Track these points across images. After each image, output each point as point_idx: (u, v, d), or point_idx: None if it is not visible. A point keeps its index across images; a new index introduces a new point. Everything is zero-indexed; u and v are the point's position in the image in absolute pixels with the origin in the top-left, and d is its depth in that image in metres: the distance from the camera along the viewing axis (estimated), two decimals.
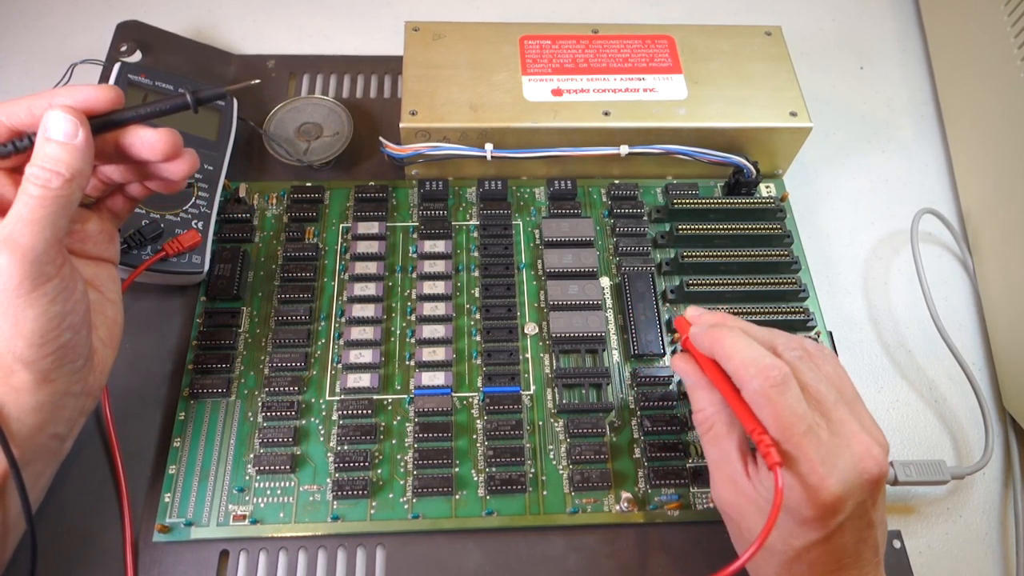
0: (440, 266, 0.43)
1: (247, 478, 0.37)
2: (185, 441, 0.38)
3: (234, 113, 0.46)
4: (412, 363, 0.41)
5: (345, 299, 0.42)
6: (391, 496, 0.37)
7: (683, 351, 0.35)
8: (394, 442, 0.39)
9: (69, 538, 0.35)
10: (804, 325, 0.43)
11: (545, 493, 0.38)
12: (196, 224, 0.42)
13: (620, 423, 0.40)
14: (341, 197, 0.46)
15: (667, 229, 0.45)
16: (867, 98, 0.57)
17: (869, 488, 0.29)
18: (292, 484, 0.37)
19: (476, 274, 0.44)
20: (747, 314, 0.42)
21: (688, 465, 0.39)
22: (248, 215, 0.45)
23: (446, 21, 0.48)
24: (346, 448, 0.38)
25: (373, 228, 0.44)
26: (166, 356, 0.40)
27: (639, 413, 0.40)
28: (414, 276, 0.43)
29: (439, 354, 0.41)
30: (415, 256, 0.44)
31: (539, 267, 0.45)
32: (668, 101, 0.46)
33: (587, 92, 0.46)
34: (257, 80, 0.36)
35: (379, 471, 0.38)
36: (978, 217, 0.50)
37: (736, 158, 0.45)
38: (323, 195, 0.46)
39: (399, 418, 0.40)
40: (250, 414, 0.39)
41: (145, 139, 0.32)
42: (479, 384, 0.41)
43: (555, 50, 0.47)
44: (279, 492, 0.37)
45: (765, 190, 0.48)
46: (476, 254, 0.45)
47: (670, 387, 0.41)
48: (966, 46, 0.53)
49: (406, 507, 0.37)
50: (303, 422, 0.39)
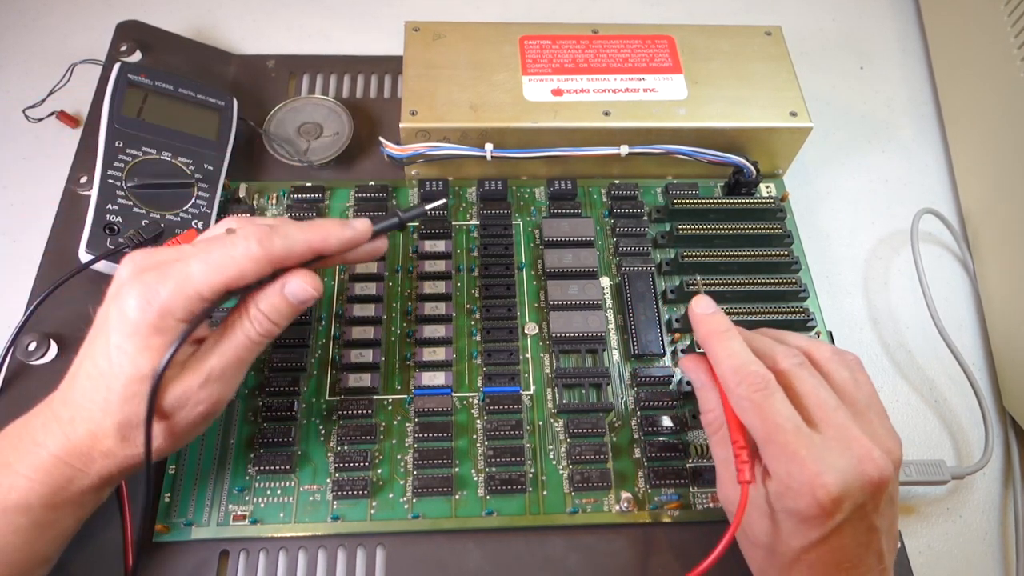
0: (440, 266, 0.43)
1: (247, 478, 0.37)
2: None
3: (234, 113, 0.46)
4: (412, 363, 0.41)
5: (345, 299, 0.42)
6: (391, 496, 0.37)
7: (699, 352, 0.35)
8: (394, 442, 0.39)
9: None
10: (804, 325, 0.43)
11: (545, 493, 0.38)
12: (196, 224, 0.42)
13: (620, 423, 0.40)
14: (341, 197, 0.46)
15: (667, 229, 0.45)
16: (867, 98, 0.57)
17: (869, 491, 0.29)
18: (292, 484, 0.37)
19: (476, 274, 0.44)
20: (747, 314, 0.42)
21: (688, 465, 0.39)
22: (248, 215, 0.45)
23: (446, 21, 0.48)
24: (346, 448, 0.38)
25: None
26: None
27: (639, 413, 0.40)
28: (414, 276, 0.43)
29: (439, 354, 0.41)
30: (415, 256, 0.44)
31: (539, 267, 0.45)
32: (668, 101, 0.46)
33: (587, 92, 0.46)
34: (445, 200, 0.39)
35: (379, 471, 0.38)
36: (978, 217, 0.50)
37: (736, 158, 0.45)
38: (323, 195, 0.46)
39: (399, 418, 0.40)
40: (250, 414, 0.39)
41: (367, 251, 0.35)
42: (479, 384, 0.41)
43: (555, 50, 0.47)
44: (279, 492, 0.37)
45: (765, 190, 0.48)
46: (476, 254, 0.45)
47: (670, 387, 0.41)
48: (966, 46, 0.53)
49: (406, 507, 0.37)
50: (303, 422, 0.39)
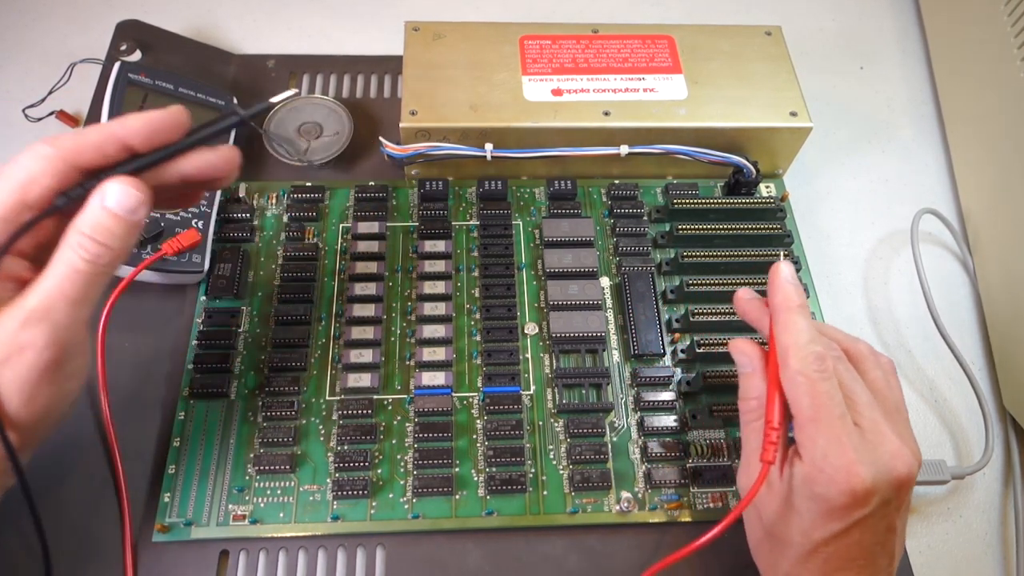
0: (440, 266, 0.43)
1: (247, 478, 0.37)
2: (185, 441, 0.38)
3: None
4: (412, 363, 0.41)
5: (345, 299, 0.42)
6: (391, 496, 0.37)
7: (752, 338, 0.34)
8: (394, 442, 0.39)
9: (69, 538, 0.35)
10: None
11: (545, 493, 0.38)
12: (196, 223, 0.42)
13: (620, 423, 0.40)
14: (341, 197, 0.46)
15: (667, 229, 0.45)
16: (867, 98, 0.57)
17: (895, 488, 0.29)
18: (292, 484, 0.37)
19: (476, 274, 0.44)
20: None
21: (688, 465, 0.39)
22: (248, 215, 0.45)
23: (446, 21, 0.48)
24: (346, 448, 0.38)
25: (373, 228, 0.44)
26: (166, 356, 0.40)
27: (639, 413, 0.40)
28: (414, 276, 0.43)
29: (439, 354, 0.41)
30: (415, 256, 0.44)
31: (539, 267, 0.45)
32: (668, 101, 0.46)
33: (587, 92, 0.46)
34: (296, 90, 0.35)
35: (379, 471, 0.38)
36: (978, 217, 0.50)
37: (736, 158, 0.45)
38: (323, 195, 0.46)
39: (399, 418, 0.40)
40: (250, 414, 0.39)
41: (215, 162, 0.31)
42: (479, 384, 0.41)
43: (555, 50, 0.47)
44: (279, 492, 0.37)
45: (765, 190, 0.48)
46: (476, 254, 0.45)
47: (670, 387, 0.41)
48: (966, 46, 0.53)
49: (406, 507, 0.37)
50: (303, 422, 0.39)
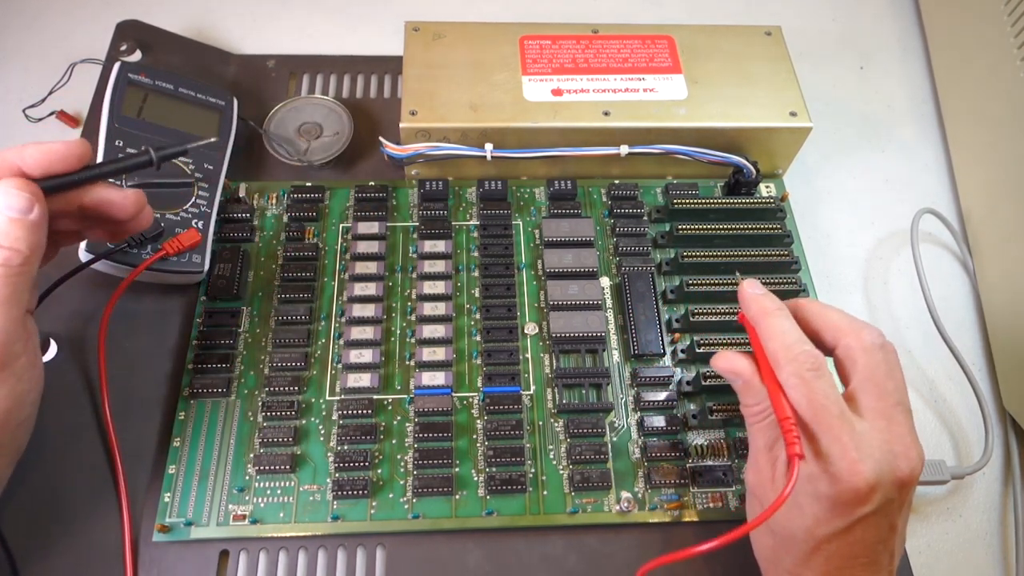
0: (440, 266, 0.43)
1: (247, 478, 0.37)
2: (185, 441, 0.38)
3: (234, 113, 0.46)
4: (412, 363, 0.41)
5: (345, 299, 0.42)
6: (391, 496, 0.37)
7: (727, 346, 0.35)
8: (394, 442, 0.39)
9: (69, 538, 0.35)
10: None
11: (545, 493, 0.38)
12: (196, 223, 0.42)
13: (620, 423, 0.40)
14: (341, 197, 0.46)
15: (667, 229, 0.45)
16: (867, 98, 0.57)
17: (898, 486, 0.29)
18: (292, 484, 0.37)
19: (476, 274, 0.44)
20: None
21: (688, 465, 0.39)
22: (248, 215, 0.45)
23: (446, 21, 0.48)
24: (346, 448, 0.38)
25: (373, 228, 0.44)
26: (166, 356, 0.40)
27: (639, 413, 0.40)
28: (414, 276, 0.43)
29: (439, 354, 0.41)
30: (415, 256, 0.44)
31: (539, 267, 0.45)
32: (668, 101, 0.46)
33: (587, 92, 0.46)
34: (215, 138, 0.39)
35: (379, 471, 0.38)
36: (978, 217, 0.50)
37: (736, 158, 0.45)
38: (323, 195, 0.46)
39: (399, 418, 0.40)
40: (250, 414, 0.39)
41: (117, 200, 0.32)
42: (479, 384, 0.41)
43: (555, 50, 0.47)
44: (279, 492, 0.37)
45: (765, 190, 0.48)
46: (476, 254, 0.45)
47: (670, 387, 0.41)
48: (966, 46, 0.53)
49: (406, 507, 0.37)
50: (303, 422, 0.39)
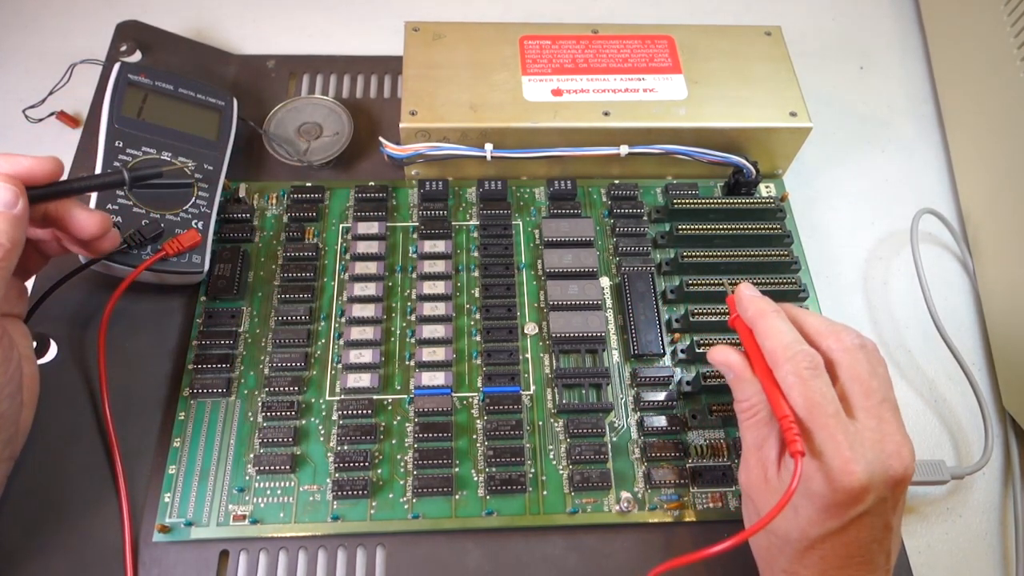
0: (440, 266, 0.43)
1: (247, 478, 0.37)
2: (185, 441, 0.38)
3: (234, 113, 0.46)
4: (412, 363, 0.41)
5: (345, 299, 0.42)
6: (391, 496, 0.37)
7: (726, 344, 0.35)
8: (394, 442, 0.39)
9: (69, 538, 0.35)
10: None
11: (545, 493, 0.38)
12: (196, 224, 0.42)
13: (620, 423, 0.40)
14: (341, 197, 0.46)
15: (667, 229, 0.45)
16: (867, 98, 0.57)
17: (891, 486, 0.29)
18: (292, 484, 0.37)
19: (476, 274, 0.44)
20: None
21: (688, 465, 0.39)
22: (248, 215, 0.45)
23: (446, 21, 0.48)
24: (346, 448, 0.38)
25: (373, 228, 0.44)
26: (166, 356, 0.40)
27: (639, 413, 0.40)
28: (414, 276, 0.43)
29: (439, 354, 0.41)
30: (415, 256, 0.44)
31: (539, 267, 0.45)
32: (668, 101, 0.46)
33: (587, 92, 0.46)
34: (190, 162, 0.40)
35: (379, 471, 0.38)
36: (978, 217, 0.50)
37: (736, 158, 0.45)
38: (323, 195, 0.46)
39: (399, 418, 0.40)
40: (250, 414, 0.39)
41: (79, 220, 0.33)
42: (479, 384, 0.41)
43: (555, 50, 0.47)
44: (279, 492, 0.37)
45: (765, 190, 0.48)
46: (476, 254, 0.45)
47: (670, 387, 0.41)
48: (966, 46, 0.53)
49: (406, 507, 0.37)
50: (303, 422, 0.39)
